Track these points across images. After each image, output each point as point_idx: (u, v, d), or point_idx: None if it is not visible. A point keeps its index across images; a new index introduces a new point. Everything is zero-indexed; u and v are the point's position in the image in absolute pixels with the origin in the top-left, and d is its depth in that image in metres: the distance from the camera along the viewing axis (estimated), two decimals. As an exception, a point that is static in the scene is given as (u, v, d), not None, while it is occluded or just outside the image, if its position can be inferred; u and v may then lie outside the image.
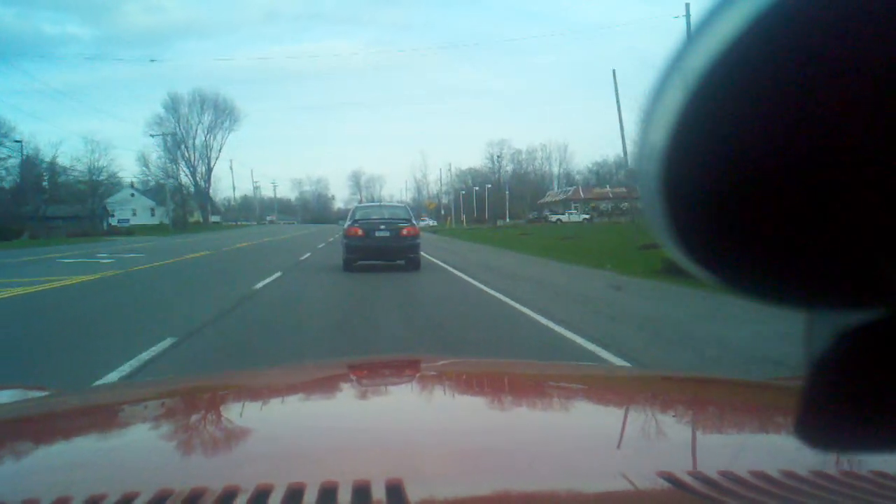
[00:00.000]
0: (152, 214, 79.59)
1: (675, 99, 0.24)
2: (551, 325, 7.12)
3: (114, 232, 60.55)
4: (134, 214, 78.64)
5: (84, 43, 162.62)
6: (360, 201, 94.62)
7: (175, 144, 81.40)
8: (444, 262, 16.35)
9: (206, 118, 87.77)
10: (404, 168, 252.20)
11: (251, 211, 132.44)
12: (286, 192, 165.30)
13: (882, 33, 0.20)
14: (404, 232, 13.60)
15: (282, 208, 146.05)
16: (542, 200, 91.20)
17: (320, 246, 26.15)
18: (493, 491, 0.70)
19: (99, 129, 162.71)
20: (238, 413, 1.22)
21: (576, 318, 7.41)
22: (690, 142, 0.24)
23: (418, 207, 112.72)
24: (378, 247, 13.48)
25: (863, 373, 0.27)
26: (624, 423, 1.08)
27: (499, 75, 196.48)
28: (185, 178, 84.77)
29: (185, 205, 76.55)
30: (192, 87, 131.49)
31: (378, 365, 1.76)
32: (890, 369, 0.27)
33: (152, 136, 71.08)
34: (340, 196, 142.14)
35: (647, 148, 0.25)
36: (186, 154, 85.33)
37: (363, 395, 1.34)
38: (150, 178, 78.77)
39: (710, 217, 0.25)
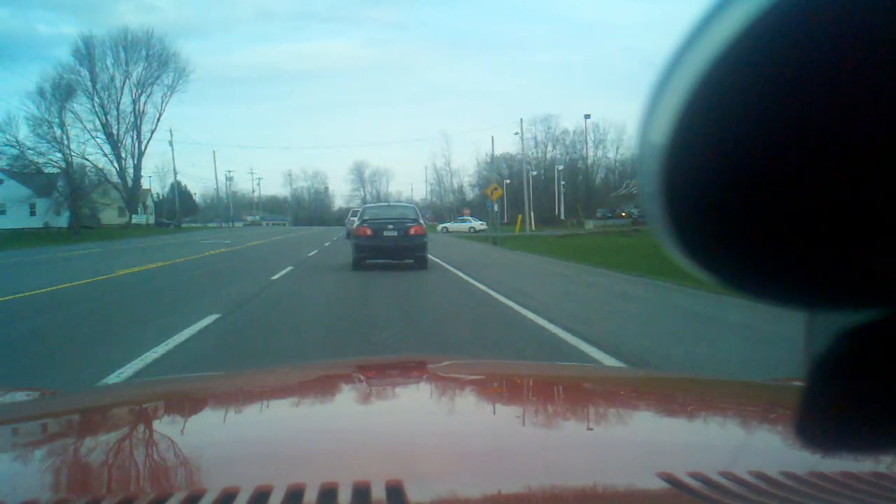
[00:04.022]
0: (32, 212, 52.12)
1: (675, 98, 0.23)
2: None
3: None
4: (3, 213, 51.37)
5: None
6: (364, 199, 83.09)
7: (63, 94, 51.60)
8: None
9: (136, 70, 59.63)
10: (418, 157, 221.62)
11: (240, 210, 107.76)
12: (277, 187, 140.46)
13: (882, 32, 0.20)
14: (412, 231, 13.75)
15: (274, 206, 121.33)
16: (618, 192, 63.97)
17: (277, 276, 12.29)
18: (493, 492, 0.70)
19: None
20: (238, 414, 1.21)
21: None
22: (690, 141, 0.24)
23: (441, 203, 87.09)
24: (386, 246, 13.63)
25: (863, 373, 0.27)
26: (624, 424, 1.09)
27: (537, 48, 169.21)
28: (102, 159, 57.24)
29: (76, 196, 47.97)
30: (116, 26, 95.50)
31: (379, 365, 1.74)
32: (890, 369, 0.26)
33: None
34: (340, 192, 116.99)
35: (646, 147, 0.25)
36: (105, 122, 57.55)
37: (364, 396, 1.32)
38: (23, 152, 48.06)
39: (710, 217, 0.25)
